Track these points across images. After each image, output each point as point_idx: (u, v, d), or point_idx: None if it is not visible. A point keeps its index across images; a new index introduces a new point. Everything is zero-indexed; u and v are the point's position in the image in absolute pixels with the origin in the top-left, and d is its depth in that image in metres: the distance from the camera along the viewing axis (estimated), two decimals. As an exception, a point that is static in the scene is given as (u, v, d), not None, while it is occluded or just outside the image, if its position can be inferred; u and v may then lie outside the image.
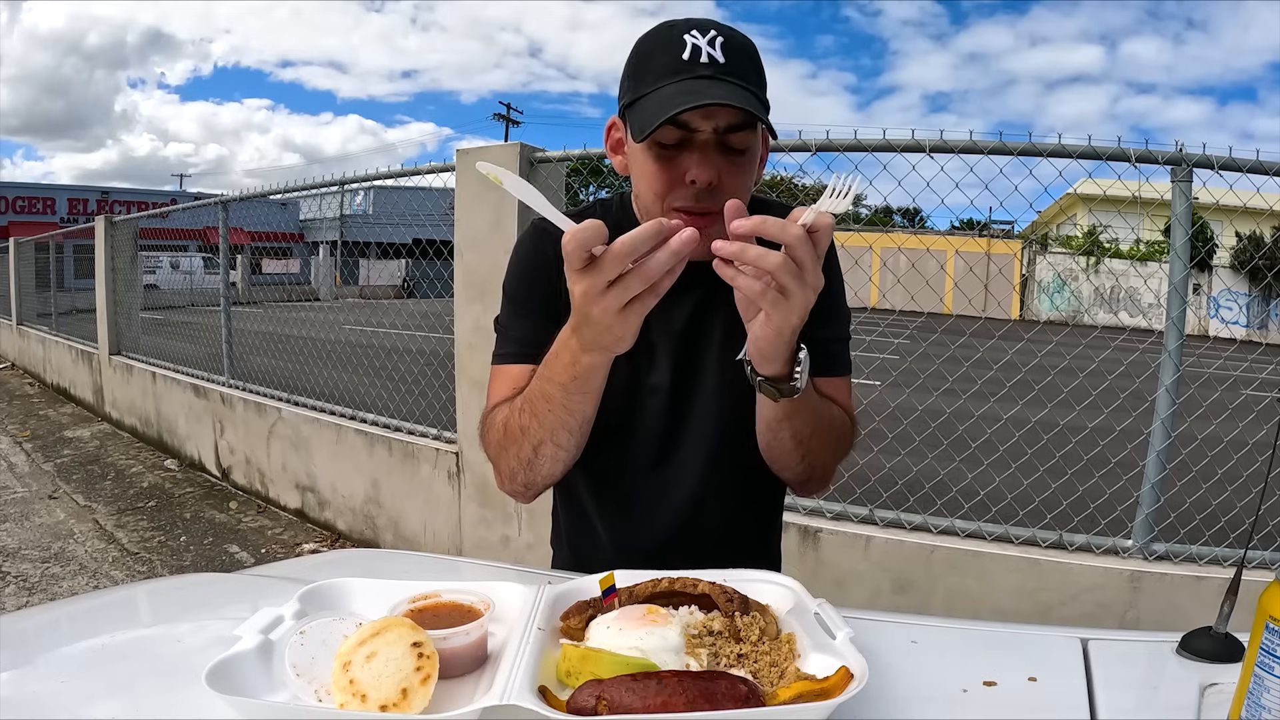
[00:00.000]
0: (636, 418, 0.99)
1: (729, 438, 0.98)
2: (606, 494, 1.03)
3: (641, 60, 0.88)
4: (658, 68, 0.85)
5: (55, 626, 0.84)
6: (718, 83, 0.82)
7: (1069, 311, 16.95)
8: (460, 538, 3.14)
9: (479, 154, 3.05)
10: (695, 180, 0.84)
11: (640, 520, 1.01)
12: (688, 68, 0.83)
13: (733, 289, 0.78)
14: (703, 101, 0.79)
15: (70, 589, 3.24)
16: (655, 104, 0.82)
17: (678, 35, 0.84)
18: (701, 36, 0.84)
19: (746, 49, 0.86)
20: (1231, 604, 0.66)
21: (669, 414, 0.98)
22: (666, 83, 0.83)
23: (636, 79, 0.87)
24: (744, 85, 0.84)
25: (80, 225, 8.71)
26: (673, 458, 0.99)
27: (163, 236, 8.35)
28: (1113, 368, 2.75)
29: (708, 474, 0.99)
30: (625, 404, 0.98)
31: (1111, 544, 2.27)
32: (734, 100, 0.80)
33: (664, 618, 0.63)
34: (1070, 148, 2.25)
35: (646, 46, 0.88)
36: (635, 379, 0.98)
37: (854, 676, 0.55)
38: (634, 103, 0.87)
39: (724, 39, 0.84)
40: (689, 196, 0.86)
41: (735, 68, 0.84)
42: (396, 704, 0.55)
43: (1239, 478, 2.36)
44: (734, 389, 0.93)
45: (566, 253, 0.70)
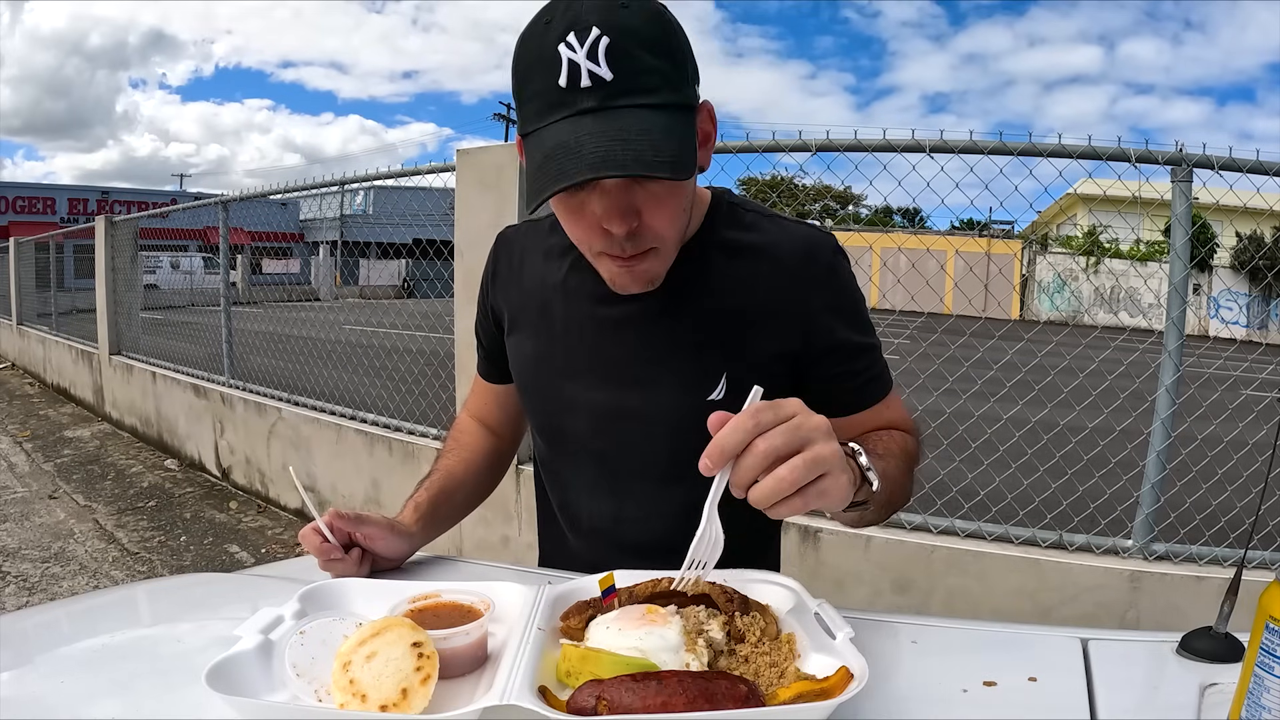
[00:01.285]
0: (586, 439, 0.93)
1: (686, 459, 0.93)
2: (570, 512, 1.00)
3: (520, 78, 0.75)
4: (535, 95, 0.72)
5: (55, 626, 0.84)
6: (604, 117, 0.69)
7: (1069, 311, 16.96)
8: (460, 538, 3.14)
9: (479, 154, 3.05)
10: (611, 230, 0.75)
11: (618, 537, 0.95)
12: (567, 99, 0.70)
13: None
14: (576, 179, 0.68)
15: (70, 589, 3.24)
16: (535, 161, 0.72)
17: (551, 46, 0.70)
18: (580, 45, 0.69)
19: (640, 35, 0.70)
20: (1231, 604, 0.66)
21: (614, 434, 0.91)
22: (547, 122, 0.71)
23: (520, 103, 0.76)
24: (641, 104, 0.70)
25: (80, 225, 8.71)
26: (628, 484, 0.93)
27: (163, 236, 8.35)
28: (1113, 368, 2.75)
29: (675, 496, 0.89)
30: (573, 424, 0.93)
31: (1111, 544, 2.27)
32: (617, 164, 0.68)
33: (663, 618, 0.63)
34: (1070, 148, 2.25)
35: (522, 59, 0.74)
36: (580, 403, 0.92)
37: (854, 676, 0.55)
38: (525, 136, 0.76)
39: (609, 39, 0.69)
40: (612, 245, 0.77)
41: (626, 81, 0.70)
42: (396, 704, 0.55)
43: (1239, 478, 2.36)
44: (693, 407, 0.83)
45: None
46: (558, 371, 0.93)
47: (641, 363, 0.88)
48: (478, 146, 3.14)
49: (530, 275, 0.97)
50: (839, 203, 33.54)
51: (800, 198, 16.65)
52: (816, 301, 0.87)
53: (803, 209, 19.03)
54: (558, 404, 0.94)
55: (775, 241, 0.88)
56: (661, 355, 0.88)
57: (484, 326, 1.05)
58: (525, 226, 1.03)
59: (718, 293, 0.87)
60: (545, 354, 0.94)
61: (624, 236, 0.75)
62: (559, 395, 0.93)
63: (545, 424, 0.98)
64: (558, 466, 0.99)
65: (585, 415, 0.91)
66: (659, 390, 0.87)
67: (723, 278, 0.87)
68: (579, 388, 0.91)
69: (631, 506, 0.92)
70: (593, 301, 0.90)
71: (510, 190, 2.89)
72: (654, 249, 0.79)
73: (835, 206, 33.63)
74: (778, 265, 0.87)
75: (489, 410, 1.12)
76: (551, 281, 0.94)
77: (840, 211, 32.98)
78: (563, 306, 0.93)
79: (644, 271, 0.81)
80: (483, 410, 1.12)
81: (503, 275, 1.00)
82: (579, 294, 0.91)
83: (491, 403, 1.11)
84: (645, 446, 0.89)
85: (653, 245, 0.79)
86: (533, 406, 0.99)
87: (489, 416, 1.12)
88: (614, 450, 0.91)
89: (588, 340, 0.91)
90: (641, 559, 0.87)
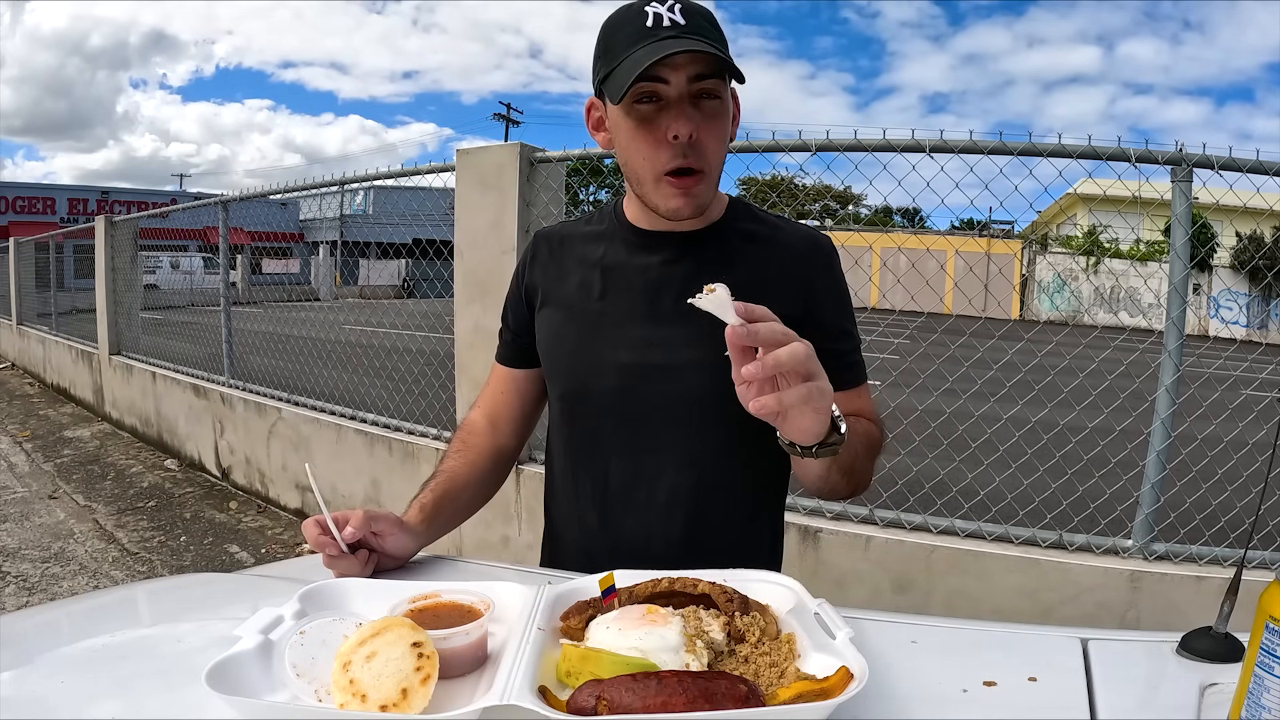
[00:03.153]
0: (606, 398, 1.01)
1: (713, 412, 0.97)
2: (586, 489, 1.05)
3: (609, 36, 0.93)
4: (624, 39, 0.90)
5: (55, 626, 0.84)
6: (681, 40, 0.87)
7: (1069, 311, 16.96)
8: (460, 538, 3.14)
9: (479, 154, 3.05)
10: (676, 135, 0.89)
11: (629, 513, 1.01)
12: (651, 33, 0.88)
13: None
14: (669, 52, 0.85)
15: (70, 589, 3.24)
16: (626, 68, 0.87)
17: (639, 8, 0.90)
18: (662, 5, 0.89)
19: (705, 13, 0.91)
20: (1231, 604, 0.66)
21: (637, 392, 0.99)
22: (634, 49, 0.88)
23: (607, 55, 0.92)
24: (706, 40, 0.89)
25: (80, 225, 8.71)
26: (651, 440, 1.00)
27: (163, 236, 8.35)
28: (1113, 368, 2.75)
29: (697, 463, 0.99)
30: (595, 385, 1.01)
31: (1111, 544, 2.27)
32: (697, 48, 0.86)
33: (663, 618, 0.63)
34: (1070, 148, 2.25)
35: (612, 24, 0.93)
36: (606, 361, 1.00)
37: (854, 676, 0.55)
38: (607, 76, 0.91)
39: (683, 5, 0.90)
40: (673, 155, 0.91)
41: (696, 28, 0.89)
42: (396, 704, 0.55)
43: (1239, 478, 2.36)
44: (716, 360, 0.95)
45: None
46: (588, 334, 1.01)
47: (665, 324, 0.98)
48: (478, 146, 3.14)
49: (569, 257, 1.08)
50: (839, 203, 33.53)
51: (800, 198, 16.63)
52: (818, 282, 1.01)
53: (803, 209, 19.02)
54: (586, 365, 1.01)
55: (784, 233, 1.04)
56: (683, 316, 0.94)
57: (514, 308, 1.12)
58: (561, 224, 1.16)
59: (737, 266, 0.99)
60: (575, 320, 1.03)
61: (686, 141, 0.89)
62: (588, 358, 1.01)
63: (571, 387, 1.04)
64: (577, 433, 1.05)
65: (613, 373, 0.99)
66: (681, 348, 0.96)
67: (741, 255, 1.00)
68: (608, 349, 1.00)
69: (650, 463, 0.99)
70: (627, 272, 1.02)
71: (510, 190, 2.89)
72: (703, 172, 0.93)
73: (835, 206, 33.62)
74: (787, 249, 1.02)
75: (502, 402, 1.14)
76: (591, 258, 1.05)
77: (840, 211, 32.97)
78: (599, 279, 1.03)
79: (698, 193, 0.94)
80: (495, 404, 1.15)
81: (541, 259, 1.10)
82: (614, 266, 1.03)
83: (509, 391, 1.14)
84: (667, 399, 0.97)
85: (703, 167, 0.92)
86: (560, 370, 1.05)
87: (500, 411, 1.14)
88: (636, 407, 0.99)
89: (617, 307, 1.01)
90: (654, 519, 0.98)
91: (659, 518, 0.98)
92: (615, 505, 1.01)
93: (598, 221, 1.10)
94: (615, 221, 1.06)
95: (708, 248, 1.00)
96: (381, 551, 0.89)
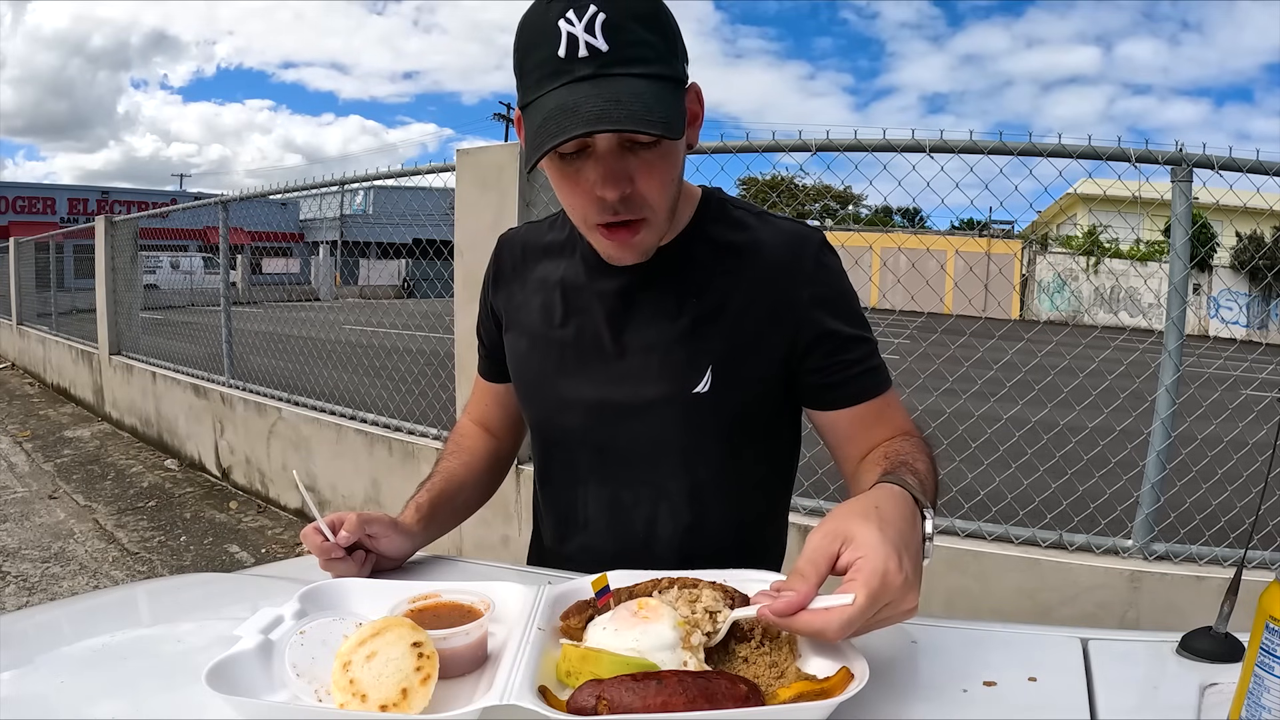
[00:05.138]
0: (573, 435, 0.95)
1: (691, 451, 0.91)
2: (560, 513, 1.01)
3: (521, 53, 0.78)
4: (536, 67, 0.76)
5: (55, 626, 0.84)
6: (600, 83, 0.73)
7: (1069, 311, 16.95)
8: (460, 538, 3.14)
9: (479, 154, 3.05)
10: (603, 196, 0.77)
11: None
12: (565, 67, 0.73)
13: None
14: (574, 132, 0.71)
15: (70, 589, 3.24)
16: (534, 123, 0.75)
17: (552, 22, 0.73)
18: (578, 20, 0.72)
19: (634, 11, 0.74)
20: (1231, 604, 0.66)
21: (604, 428, 0.92)
22: (546, 90, 0.74)
23: (521, 77, 0.79)
24: (634, 73, 0.74)
25: (80, 225, 8.71)
26: (621, 475, 0.94)
27: (163, 236, 8.34)
28: (1113, 368, 2.75)
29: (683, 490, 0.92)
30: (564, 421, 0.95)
31: (1111, 544, 2.27)
32: (612, 120, 0.71)
33: (655, 612, 0.63)
34: (1070, 148, 2.25)
35: (524, 35, 0.78)
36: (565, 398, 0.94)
37: (854, 676, 0.55)
38: (525, 108, 0.78)
39: (605, 15, 0.72)
40: (603, 209, 0.79)
41: (621, 52, 0.73)
42: (396, 704, 0.55)
43: (1239, 478, 2.36)
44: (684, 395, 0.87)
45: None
46: (551, 368, 0.95)
47: (630, 357, 0.90)
48: (478, 146, 3.13)
49: (530, 274, 1.00)
50: (839, 203, 33.53)
51: (800, 198, 16.64)
52: (803, 294, 0.88)
53: (803, 209, 18.99)
54: (552, 401, 0.96)
55: (761, 239, 0.90)
56: (649, 349, 0.90)
57: (485, 326, 1.07)
58: (525, 228, 1.06)
59: (704, 287, 0.89)
60: (539, 350, 0.96)
61: (617, 200, 0.77)
62: (553, 392, 0.95)
63: (540, 419, 0.99)
64: (553, 464, 1.00)
65: (579, 411, 0.93)
66: (646, 384, 0.89)
67: (709, 273, 0.89)
68: (571, 384, 0.93)
69: (627, 496, 0.94)
70: (586, 296, 0.93)
71: (510, 190, 2.89)
72: (645, 219, 0.81)
73: (835, 206, 33.62)
74: (763, 261, 0.89)
75: (490, 412, 1.12)
76: (551, 279, 0.97)
77: (840, 211, 32.96)
78: (559, 302, 0.95)
79: (637, 242, 0.83)
80: (484, 413, 1.13)
81: (504, 274, 1.03)
82: (574, 289, 0.94)
83: (493, 404, 1.11)
84: (635, 438, 0.91)
85: (644, 215, 0.81)
86: (528, 402, 1.00)
87: (490, 418, 1.13)
88: (607, 443, 0.93)
89: (580, 337, 0.93)
90: (636, 548, 0.92)
91: (640, 548, 0.93)
92: (595, 532, 0.96)
93: (559, 228, 1.00)
94: (574, 231, 0.94)
95: (671, 268, 0.89)
96: (377, 552, 0.88)
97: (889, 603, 0.59)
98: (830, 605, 0.58)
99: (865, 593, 0.57)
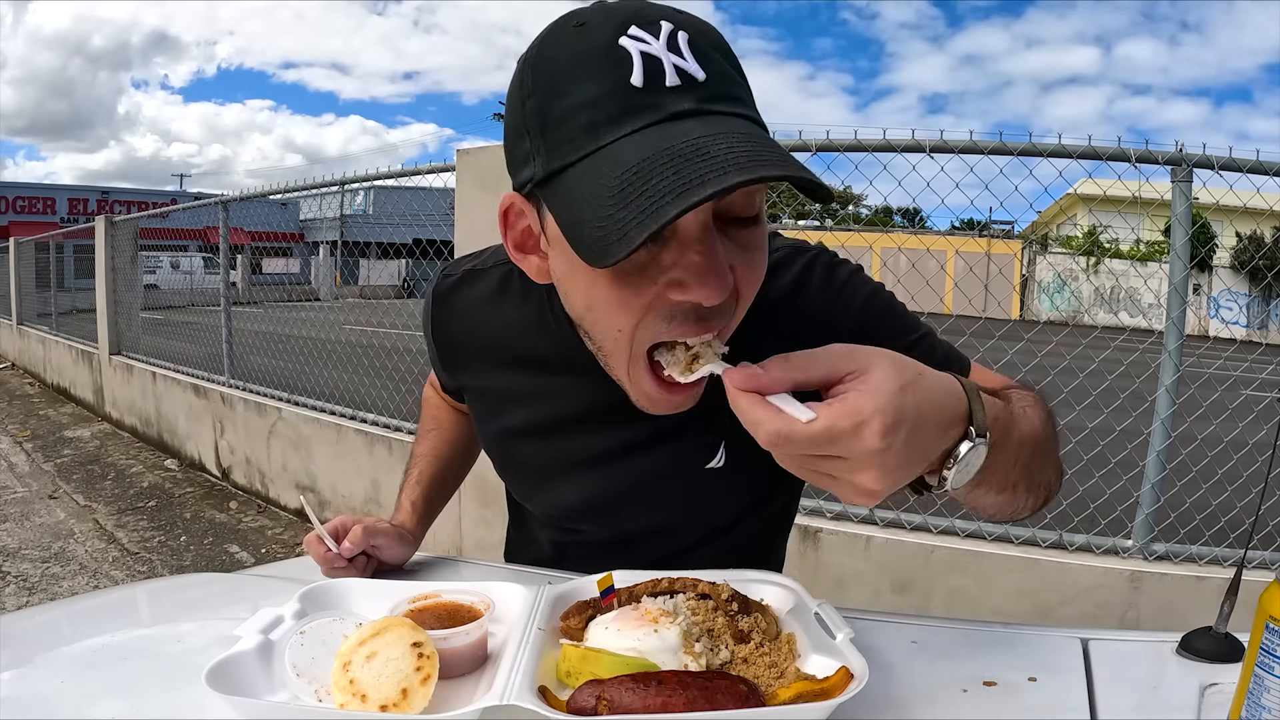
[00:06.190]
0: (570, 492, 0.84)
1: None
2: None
3: (555, 90, 0.53)
4: (588, 106, 0.51)
5: (55, 626, 0.84)
6: (711, 121, 0.51)
7: (1069, 311, 16.94)
8: (460, 538, 3.14)
9: (480, 154, 3.05)
10: (701, 300, 0.55)
11: None
12: (647, 101, 0.50)
13: None
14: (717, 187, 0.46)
15: (70, 589, 3.24)
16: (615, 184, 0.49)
17: (607, 41, 0.51)
18: (652, 36, 0.51)
19: (712, 37, 0.55)
20: (1231, 604, 0.66)
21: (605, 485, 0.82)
22: (620, 134, 0.50)
23: (553, 127, 0.53)
24: (740, 114, 0.53)
25: (80, 225, 8.71)
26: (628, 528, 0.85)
27: (163, 236, 8.34)
28: (1113, 368, 2.74)
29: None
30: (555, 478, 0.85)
31: (1111, 544, 2.27)
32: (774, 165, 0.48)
33: (663, 619, 0.63)
34: (1070, 148, 2.25)
35: (553, 68, 0.53)
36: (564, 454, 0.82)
37: (854, 676, 0.55)
38: (558, 175, 0.53)
39: (688, 33, 0.52)
40: (681, 320, 0.56)
41: (719, 86, 0.52)
42: (396, 704, 0.55)
43: (1239, 478, 2.36)
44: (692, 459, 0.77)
45: None
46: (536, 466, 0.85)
47: (635, 444, 0.78)
48: (478, 147, 3.13)
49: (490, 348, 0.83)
50: (839, 203, 33.56)
51: (800, 198, 16.59)
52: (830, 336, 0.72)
53: (803, 209, 18.99)
54: (540, 487, 0.88)
55: (779, 283, 0.73)
56: (655, 432, 0.77)
57: (439, 373, 0.95)
58: (465, 278, 0.85)
59: None
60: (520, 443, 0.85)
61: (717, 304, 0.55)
62: (541, 479, 0.86)
63: (526, 496, 0.91)
64: (539, 519, 0.93)
65: (574, 492, 0.83)
66: (655, 464, 0.79)
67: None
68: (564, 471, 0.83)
69: (630, 539, 0.87)
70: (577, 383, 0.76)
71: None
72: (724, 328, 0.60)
73: (835, 206, 33.64)
74: (802, 317, 0.72)
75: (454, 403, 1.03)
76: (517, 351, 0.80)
77: (840, 211, 33.00)
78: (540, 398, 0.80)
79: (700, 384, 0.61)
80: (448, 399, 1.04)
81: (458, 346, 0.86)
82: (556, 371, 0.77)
83: (455, 406, 1.03)
84: (642, 517, 0.84)
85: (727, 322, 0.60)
86: (510, 484, 0.92)
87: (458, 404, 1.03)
88: (609, 519, 0.85)
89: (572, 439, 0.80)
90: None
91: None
92: (587, 563, 0.83)
93: (519, 300, 0.78)
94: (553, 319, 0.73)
95: None
96: (379, 559, 0.88)
97: (844, 459, 0.46)
98: (783, 409, 0.46)
99: (826, 423, 0.45)
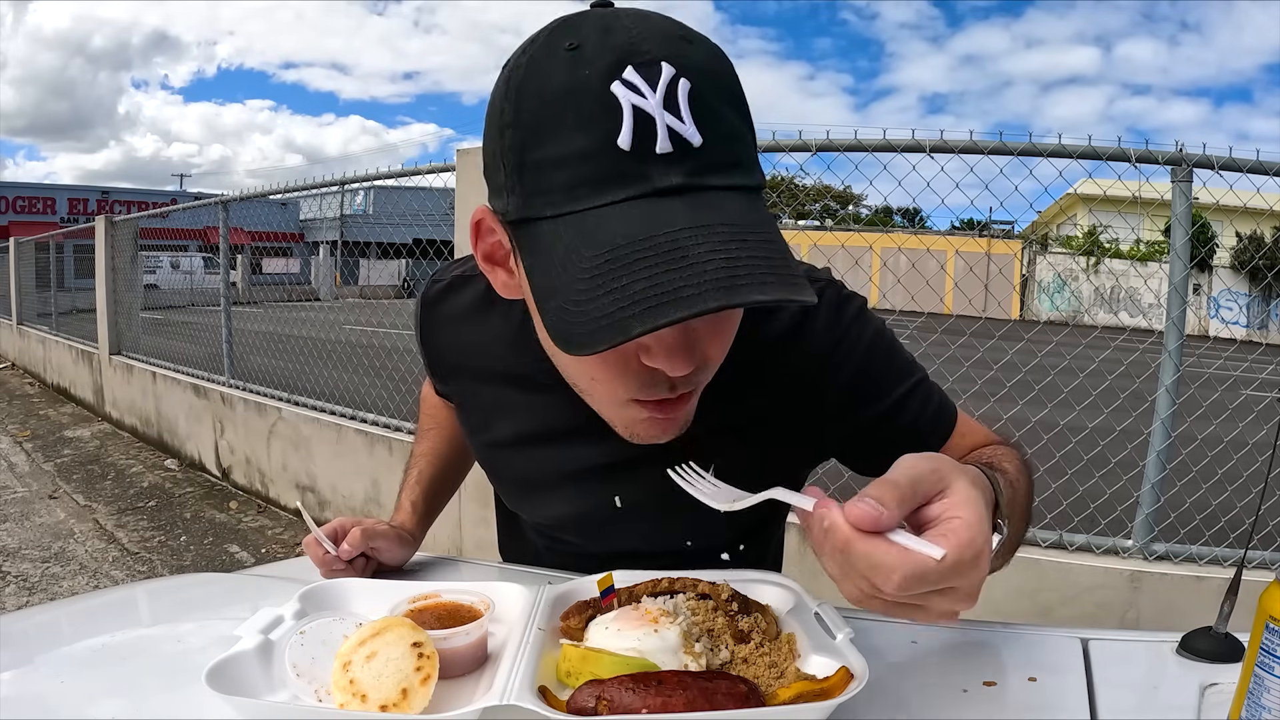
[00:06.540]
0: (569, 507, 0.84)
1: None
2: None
3: (537, 132, 0.49)
4: (572, 160, 0.48)
5: (55, 626, 0.84)
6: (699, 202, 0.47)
7: (1069, 311, 16.94)
8: (460, 538, 3.14)
9: (479, 154, 3.05)
10: (667, 371, 0.56)
11: None
12: (633, 169, 0.47)
13: None
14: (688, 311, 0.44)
15: (70, 589, 3.24)
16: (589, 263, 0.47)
17: (597, 84, 0.46)
18: (649, 86, 0.46)
19: (717, 80, 0.50)
20: (1231, 604, 0.66)
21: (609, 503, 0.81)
22: (602, 201, 0.47)
23: (531, 173, 0.50)
24: (733, 186, 0.50)
25: (80, 225, 8.71)
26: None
27: (163, 236, 8.34)
28: (1113, 368, 2.75)
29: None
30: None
31: (1111, 544, 2.27)
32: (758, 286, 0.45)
33: (663, 619, 0.63)
34: (1070, 148, 2.25)
35: (545, 100, 0.49)
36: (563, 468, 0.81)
37: (854, 677, 0.55)
38: (533, 223, 0.51)
39: (691, 79, 0.47)
40: (649, 384, 0.59)
41: (715, 152, 0.48)
42: (396, 704, 0.55)
43: (1239, 478, 2.36)
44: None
45: None
46: (530, 473, 0.85)
47: (626, 460, 0.76)
48: (478, 147, 3.13)
49: (476, 360, 0.82)
50: (839, 203, 33.53)
51: (800, 198, 16.61)
52: (829, 399, 0.73)
53: (803, 209, 18.98)
54: (529, 497, 0.88)
55: (777, 326, 0.72)
56: (645, 451, 0.72)
57: (431, 376, 0.95)
58: (453, 284, 0.84)
59: (716, 402, 0.69)
60: (511, 452, 0.85)
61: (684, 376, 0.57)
62: (530, 490, 0.86)
63: (517, 505, 0.91)
64: (534, 532, 0.93)
65: (564, 505, 0.84)
66: (643, 486, 0.76)
67: (724, 381, 0.67)
68: (554, 483, 0.83)
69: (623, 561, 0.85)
70: (566, 396, 0.72)
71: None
72: (693, 391, 0.63)
73: (835, 206, 33.62)
74: (796, 356, 0.72)
75: None
76: (498, 370, 0.80)
77: (840, 211, 32.97)
78: (528, 409, 0.80)
79: (681, 417, 0.64)
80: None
81: (446, 356, 0.86)
82: (543, 384, 0.74)
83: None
84: (632, 533, 0.83)
85: (700, 382, 0.62)
86: (500, 489, 0.93)
87: None
88: (599, 536, 0.85)
89: (564, 444, 0.80)
90: None
91: None
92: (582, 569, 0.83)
93: (500, 315, 0.77)
94: (527, 346, 0.70)
95: None
96: (379, 561, 0.88)
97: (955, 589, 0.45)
98: (910, 546, 0.44)
99: (954, 558, 0.43)
